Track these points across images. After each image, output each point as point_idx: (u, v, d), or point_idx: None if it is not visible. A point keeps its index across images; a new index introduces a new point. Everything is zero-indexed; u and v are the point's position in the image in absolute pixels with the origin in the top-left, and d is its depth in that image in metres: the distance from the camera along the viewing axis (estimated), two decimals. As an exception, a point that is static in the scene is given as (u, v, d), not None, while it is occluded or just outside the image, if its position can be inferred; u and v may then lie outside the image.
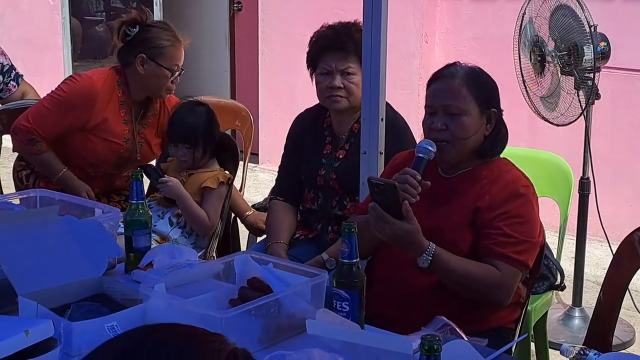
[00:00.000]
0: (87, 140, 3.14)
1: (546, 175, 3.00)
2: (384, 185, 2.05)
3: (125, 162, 3.22)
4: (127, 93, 3.16)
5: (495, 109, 2.25)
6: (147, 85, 3.14)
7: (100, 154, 3.16)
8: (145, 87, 3.15)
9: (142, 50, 3.09)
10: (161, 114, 3.28)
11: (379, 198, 2.07)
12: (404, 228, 2.05)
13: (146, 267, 2.20)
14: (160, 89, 3.15)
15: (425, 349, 1.30)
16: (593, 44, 3.30)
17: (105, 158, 3.18)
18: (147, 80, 3.12)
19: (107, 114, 3.12)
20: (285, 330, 1.90)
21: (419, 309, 2.14)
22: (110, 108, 3.13)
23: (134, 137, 3.20)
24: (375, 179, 2.12)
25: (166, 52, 3.11)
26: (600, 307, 2.28)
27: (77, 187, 3.13)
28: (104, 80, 3.13)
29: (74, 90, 3.09)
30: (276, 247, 2.76)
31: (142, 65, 3.09)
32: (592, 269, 4.13)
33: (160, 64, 3.10)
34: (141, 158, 3.25)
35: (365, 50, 2.51)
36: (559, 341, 3.25)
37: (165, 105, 3.28)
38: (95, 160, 3.18)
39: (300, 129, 2.95)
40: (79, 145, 3.16)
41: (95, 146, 3.14)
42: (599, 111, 3.73)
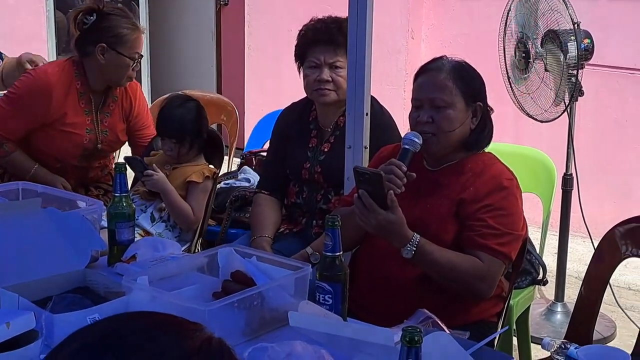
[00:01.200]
0: (48, 136, 3.11)
1: (530, 171, 3.02)
2: (370, 175, 2.06)
3: (91, 154, 3.20)
4: (86, 84, 3.11)
5: (481, 103, 2.27)
6: (107, 74, 3.10)
7: (63, 148, 3.13)
8: (105, 76, 3.11)
9: (101, 39, 3.03)
10: (123, 99, 3.24)
11: (365, 187, 2.08)
12: (389, 218, 2.06)
13: (129, 260, 2.20)
14: (122, 77, 3.12)
15: (406, 341, 1.31)
16: (577, 41, 3.32)
17: (69, 152, 3.15)
18: (107, 70, 3.08)
19: (66, 107, 3.09)
20: (268, 323, 1.91)
21: (402, 302, 2.15)
22: (69, 101, 3.09)
23: (95, 127, 3.16)
24: (361, 169, 2.13)
25: (127, 40, 3.06)
26: (581, 302, 2.30)
27: (51, 181, 3.09)
28: (60, 73, 3.09)
29: (28, 87, 3.06)
30: (260, 240, 2.76)
31: (103, 55, 3.04)
32: (575, 265, 4.15)
33: (121, 52, 3.05)
34: (107, 147, 3.23)
35: (350, 44, 2.51)
36: (541, 335, 3.26)
37: (126, 90, 3.24)
38: (60, 156, 3.15)
39: (286, 123, 2.94)
40: (41, 142, 3.13)
41: (57, 141, 3.11)
42: (582, 108, 3.75)
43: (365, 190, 2.08)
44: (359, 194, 2.09)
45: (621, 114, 4.45)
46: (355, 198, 2.11)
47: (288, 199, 2.92)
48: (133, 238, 2.32)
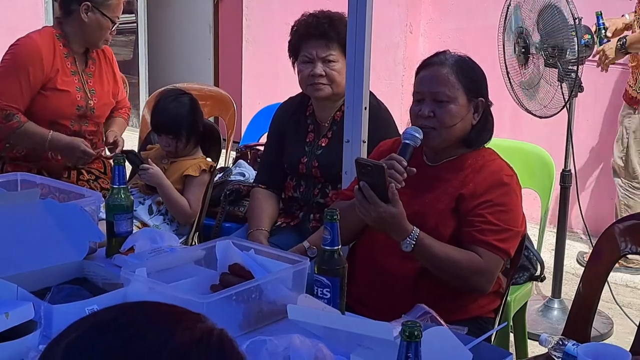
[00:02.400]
0: (44, 99, 3.18)
1: (528, 167, 3.02)
2: (372, 167, 2.06)
3: (84, 114, 3.25)
4: (67, 45, 3.23)
5: (482, 98, 2.26)
6: (87, 34, 3.22)
7: (59, 108, 3.19)
8: (85, 37, 3.22)
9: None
10: (102, 62, 3.34)
11: (366, 179, 2.07)
12: (389, 211, 2.06)
13: (127, 251, 2.20)
14: (100, 39, 3.23)
15: (405, 335, 1.31)
16: (577, 37, 3.31)
17: (64, 112, 3.20)
18: (88, 29, 3.20)
19: (56, 66, 3.18)
20: (266, 316, 1.90)
21: (400, 297, 2.15)
22: (57, 61, 3.19)
23: (83, 85, 3.25)
24: (363, 160, 2.13)
25: (111, 3, 3.19)
26: (579, 299, 2.30)
27: (71, 142, 3.17)
28: (43, 36, 3.22)
29: (19, 53, 3.16)
30: (257, 234, 2.76)
31: (87, 13, 3.16)
32: (572, 261, 4.16)
33: (105, 13, 3.18)
34: (97, 106, 3.29)
35: (349, 39, 2.51)
36: (537, 332, 3.27)
37: (104, 53, 3.36)
38: (55, 117, 3.20)
39: (283, 117, 2.94)
40: (38, 108, 3.18)
41: (53, 101, 3.18)
42: (581, 104, 3.74)
43: (367, 182, 2.07)
44: (359, 186, 2.09)
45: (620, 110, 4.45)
46: (355, 190, 2.10)
47: (285, 192, 2.92)
48: (131, 230, 2.32)
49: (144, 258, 2.07)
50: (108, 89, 3.34)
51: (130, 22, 6.92)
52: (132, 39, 7.14)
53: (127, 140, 3.48)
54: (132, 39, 7.22)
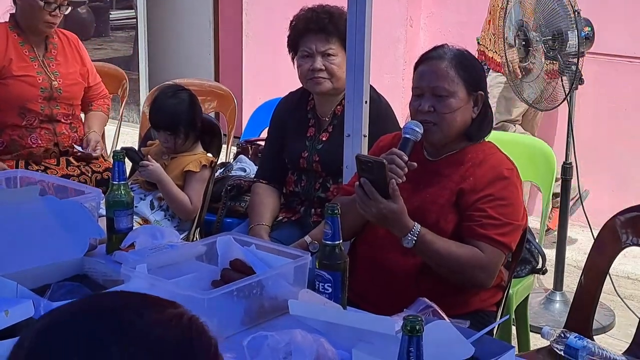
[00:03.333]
0: (4, 87, 3.23)
1: (529, 160, 3.01)
2: (373, 163, 2.05)
3: (50, 95, 3.28)
4: (22, 35, 3.28)
5: (482, 92, 2.25)
6: (26, 20, 3.26)
7: (22, 92, 3.23)
8: (26, 22, 3.27)
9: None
10: (64, 45, 3.39)
11: (367, 176, 2.07)
12: (390, 207, 2.05)
13: (128, 248, 2.19)
14: (39, 22, 3.25)
15: (407, 330, 1.31)
16: (577, 29, 3.30)
17: (29, 95, 3.24)
18: (25, 14, 3.25)
19: (9, 55, 3.23)
20: (267, 312, 1.90)
21: (401, 292, 2.14)
22: (10, 50, 3.24)
23: (45, 69, 3.29)
24: (363, 157, 2.12)
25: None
26: (581, 291, 2.30)
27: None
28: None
29: None
30: (258, 229, 2.76)
31: (15, 1, 3.23)
32: (574, 254, 4.15)
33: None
34: (64, 87, 3.32)
35: (350, 33, 2.50)
36: (539, 325, 3.27)
37: (67, 38, 3.41)
38: (22, 102, 3.23)
39: (283, 112, 2.94)
40: (3, 95, 3.22)
41: (14, 88, 3.23)
42: (582, 96, 3.74)
43: (367, 178, 2.07)
44: (360, 182, 2.08)
45: (621, 102, 4.44)
46: (356, 186, 2.10)
47: (286, 187, 2.91)
48: (132, 226, 2.32)
49: (144, 254, 2.07)
50: (74, 70, 3.38)
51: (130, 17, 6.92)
52: (132, 34, 7.13)
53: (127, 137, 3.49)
54: (132, 34, 7.21)
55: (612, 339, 3.42)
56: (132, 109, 6.56)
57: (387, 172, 2.05)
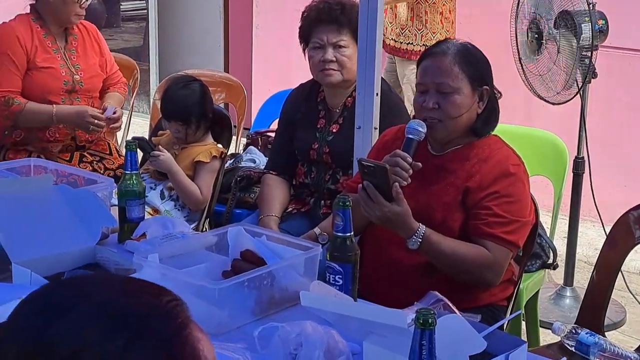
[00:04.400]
0: (29, 78, 3.22)
1: (541, 154, 3.00)
2: (375, 167, 2.03)
3: (73, 88, 3.28)
4: (45, 26, 3.28)
5: (487, 86, 2.22)
6: (57, 13, 3.26)
7: (45, 84, 3.23)
8: (56, 15, 3.26)
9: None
10: (84, 37, 3.38)
11: (370, 179, 2.05)
12: (394, 210, 2.04)
13: (139, 237, 2.20)
14: (69, 14, 3.26)
15: (420, 323, 1.30)
16: (591, 22, 3.28)
17: (51, 88, 3.24)
18: (55, 8, 3.24)
19: (35, 45, 3.23)
20: (278, 303, 1.90)
21: (409, 288, 2.13)
22: (35, 40, 3.24)
23: (67, 61, 3.29)
24: (366, 161, 2.09)
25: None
26: (592, 287, 2.29)
27: (78, 109, 3.23)
28: (17, 21, 3.27)
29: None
30: (268, 220, 2.76)
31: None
32: (584, 249, 4.14)
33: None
34: (86, 80, 3.32)
35: (361, 25, 2.49)
36: (549, 320, 3.26)
37: (86, 29, 3.40)
38: (44, 95, 3.23)
39: (294, 104, 2.93)
40: (26, 86, 3.21)
41: (38, 80, 3.22)
42: (595, 90, 3.72)
43: (370, 182, 2.05)
44: (363, 186, 2.06)
45: (634, 96, 4.41)
46: (359, 189, 2.07)
47: (296, 179, 2.91)
48: (143, 216, 2.32)
49: (156, 244, 2.07)
50: (94, 62, 3.37)
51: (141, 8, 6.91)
52: (143, 25, 7.13)
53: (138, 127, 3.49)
54: (142, 25, 7.21)
55: (623, 336, 3.41)
56: (143, 99, 6.56)
57: (390, 175, 2.03)
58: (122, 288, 0.88)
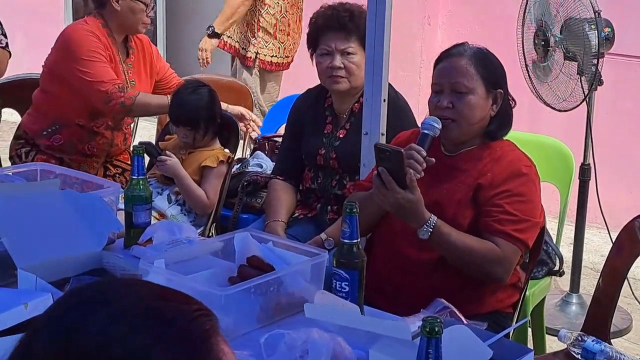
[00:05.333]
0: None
1: (547, 160, 2.99)
2: (391, 152, 2.05)
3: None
4: (111, 35, 3.24)
5: (501, 90, 2.25)
6: (124, 22, 3.22)
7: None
8: (123, 24, 3.23)
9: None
10: (139, 51, 3.34)
11: (385, 165, 2.07)
12: (407, 197, 2.05)
13: (146, 242, 2.20)
14: (137, 23, 3.24)
15: (426, 331, 1.30)
16: (597, 30, 3.28)
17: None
18: (124, 17, 3.20)
19: (108, 49, 3.20)
20: (284, 309, 1.90)
21: (418, 285, 2.15)
22: (108, 44, 3.21)
23: (125, 76, 3.26)
24: (382, 145, 2.13)
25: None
26: (599, 294, 2.29)
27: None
28: (90, 23, 3.22)
29: (83, 36, 3.16)
30: (274, 225, 2.76)
31: (117, 2, 3.17)
32: (590, 256, 4.13)
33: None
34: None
35: (369, 31, 2.50)
36: (555, 327, 3.25)
37: (141, 42, 3.36)
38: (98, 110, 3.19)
39: (301, 109, 2.94)
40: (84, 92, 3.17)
41: None
42: (601, 97, 3.71)
43: (385, 167, 2.07)
44: (378, 172, 2.08)
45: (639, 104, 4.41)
46: (374, 175, 2.10)
47: (303, 184, 2.92)
48: (150, 221, 2.32)
49: (162, 249, 2.07)
50: (146, 80, 3.34)
51: (149, 13, 6.91)
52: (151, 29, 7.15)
53: (146, 131, 3.50)
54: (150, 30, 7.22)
55: (629, 343, 3.40)
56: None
57: (405, 161, 2.05)
58: (153, 292, 0.91)
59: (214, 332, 0.89)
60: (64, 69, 3.18)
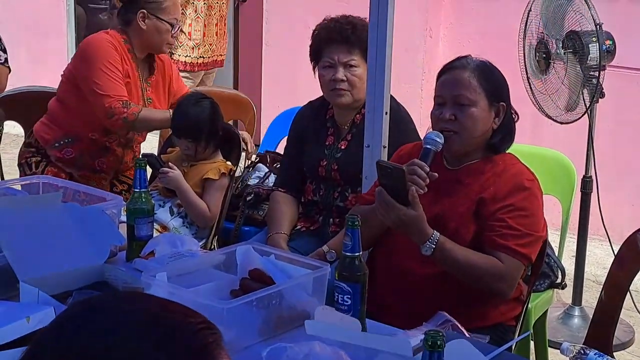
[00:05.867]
0: None
1: (549, 173, 2.99)
2: (392, 169, 2.05)
3: None
4: (132, 51, 3.24)
5: (504, 103, 2.25)
6: (149, 41, 3.22)
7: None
8: (147, 43, 3.23)
9: (142, 6, 3.18)
10: (160, 71, 3.34)
11: (387, 182, 2.07)
12: (409, 214, 2.05)
13: (148, 255, 2.20)
14: (162, 43, 3.24)
15: (428, 345, 1.30)
16: (599, 42, 3.29)
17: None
18: (149, 36, 3.21)
19: (125, 65, 3.20)
20: (286, 323, 1.90)
21: (421, 300, 2.14)
22: (126, 59, 3.21)
23: (142, 93, 3.26)
24: (384, 162, 2.12)
25: (165, 6, 3.20)
26: (601, 307, 2.28)
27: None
28: (111, 36, 3.22)
29: (104, 47, 3.16)
30: (277, 237, 2.76)
31: (144, 21, 3.18)
32: (593, 268, 4.12)
33: (161, 18, 3.19)
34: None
35: (371, 44, 2.50)
36: (557, 340, 3.25)
37: (162, 61, 3.36)
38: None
39: (303, 121, 2.94)
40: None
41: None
42: (602, 110, 3.72)
43: (387, 184, 2.07)
44: (380, 188, 2.08)
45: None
46: (376, 192, 2.10)
47: (305, 196, 2.91)
48: (152, 234, 2.32)
49: (164, 262, 2.07)
50: (164, 99, 3.34)
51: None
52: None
53: (148, 143, 3.51)
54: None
55: (632, 356, 3.39)
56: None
57: (407, 178, 2.05)
58: (158, 305, 0.93)
59: (217, 345, 0.90)
60: (79, 76, 3.19)
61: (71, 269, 2.00)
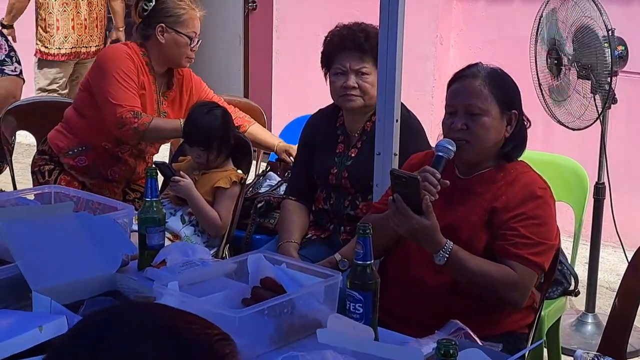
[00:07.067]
0: None
1: (561, 180, 2.98)
2: (407, 178, 2.05)
3: None
4: (149, 64, 3.23)
5: (516, 111, 2.24)
6: (168, 54, 3.22)
7: None
8: (166, 57, 3.23)
9: (160, 20, 3.18)
10: (179, 85, 3.33)
11: (401, 190, 2.06)
12: (423, 223, 2.05)
13: (159, 264, 2.20)
14: (181, 57, 3.24)
15: (441, 353, 1.30)
16: (611, 48, 3.28)
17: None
18: (168, 50, 3.21)
19: (142, 77, 3.19)
20: (298, 331, 1.89)
21: (433, 310, 2.13)
22: (143, 71, 3.20)
23: (158, 106, 3.26)
24: (398, 171, 2.12)
25: (184, 19, 3.20)
26: (615, 314, 2.27)
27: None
28: (130, 48, 3.22)
29: (120, 57, 3.17)
30: (287, 246, 2.76)
31: (163, 35, 3.18)
32: (606, 275, 4.10)
33: (180, 31, 3.19)
34: None
35: (381, 51, 2.50)
36: (571, 347, 3.23)
37: (182, 76, 3.35)
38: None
39: (313, 129, 2.94)
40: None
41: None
42: (615, 116, 3.70)
43: (401, 193, 2.06)
44: (394, 197, 2.08)
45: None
46: (390, 201, 2.09)
47: (315, 205, 2.91)
48: (163, 243, 2.33)
49: (176, 271, 2.08)
50: (179, 115, 3.31)
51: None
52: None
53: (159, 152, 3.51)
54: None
55: (645, 363, 3.37)
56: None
57: (421, 188, 2.05)
58: (176, 315, 0.94)
59: (233, 356, 0.92)
60: (94, 85, 3.20)
61: (83, 279, 2.01)
